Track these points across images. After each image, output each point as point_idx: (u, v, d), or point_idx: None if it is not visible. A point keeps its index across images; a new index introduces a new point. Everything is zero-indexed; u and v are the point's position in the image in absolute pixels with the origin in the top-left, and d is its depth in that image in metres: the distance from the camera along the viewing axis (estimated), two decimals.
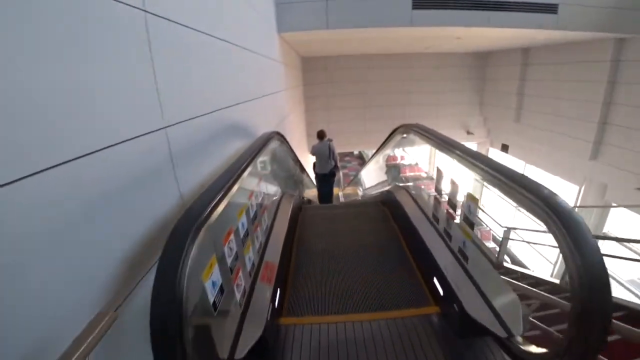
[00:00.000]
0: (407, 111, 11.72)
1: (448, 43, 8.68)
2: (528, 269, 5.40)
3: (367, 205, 5.27)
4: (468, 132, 12.21)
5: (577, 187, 8.87)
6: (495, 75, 11.40)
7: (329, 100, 11.31)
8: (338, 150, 15.42)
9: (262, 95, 3.98)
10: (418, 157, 23.41)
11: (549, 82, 9.09)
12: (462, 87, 11.87)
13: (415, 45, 9.12)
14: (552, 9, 5.85)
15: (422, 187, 4.47)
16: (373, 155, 7.74)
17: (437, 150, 3.00)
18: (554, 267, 8.04)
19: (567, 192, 9.42)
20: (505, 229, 5.32)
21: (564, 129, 8.68)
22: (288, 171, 4.94)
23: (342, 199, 15.85)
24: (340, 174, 20.33)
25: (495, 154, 13.24)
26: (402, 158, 23.03)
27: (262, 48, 4.02)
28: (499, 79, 11.16)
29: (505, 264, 5.09)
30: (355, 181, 14.34)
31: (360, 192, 11.19)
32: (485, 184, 2.20)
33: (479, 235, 5.59)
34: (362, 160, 23.85)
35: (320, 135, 6.49)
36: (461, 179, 2.51)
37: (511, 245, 7.34)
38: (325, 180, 6.87)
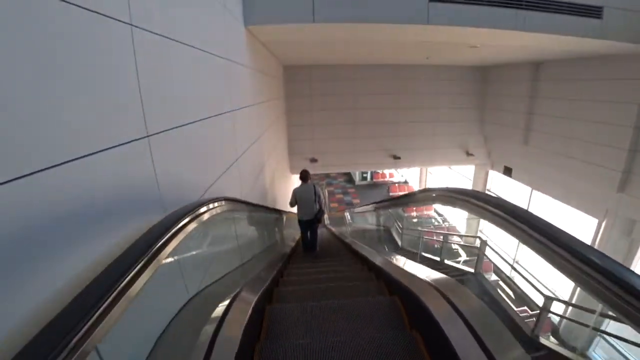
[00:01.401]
0: (400, 129, 10.44)
1: (455, 53, 7.46)
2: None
3: (360, 280, 3.76)
4: (468, 154, 11.03)
5: (596, 221, 7.78)
6: (498, 91, 10.27)
7: (313, 115, 9.91)
8: (323, 171, 14.12)
9: (219, 114, 2.55)
10: (408, 174, 22.42)
11: (565, 100, 7.97)
12: (460, 103, 10.70)
13: (414, 54, 7.86)
14: (596, 12, 4.65)
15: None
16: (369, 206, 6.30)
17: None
18: None
19: (582, 225, 8.36)
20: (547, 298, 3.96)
21: (582, 154, 7.56)
22: (254, 239, 3.51)
23: (327, 221, 14.50)
24: (326, 192, 19.06)
25: (497, 178, 12.16)
26: (390, 175, 21.99)
27: (217, 46, 2.61)
28: (503, 95, 10.03)
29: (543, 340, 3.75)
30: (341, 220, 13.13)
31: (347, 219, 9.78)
32: None
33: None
34: (348, 176, 22.56)
35: (303, 176, 5.59)
36: None
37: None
38: (310, 226, 5.92)
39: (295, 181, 13.75)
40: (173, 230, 1.22)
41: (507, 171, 10.80)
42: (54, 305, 0.82)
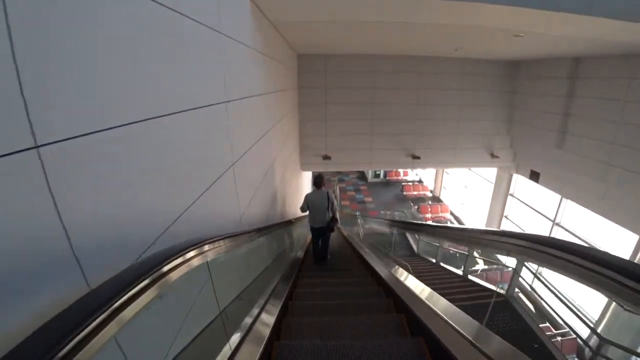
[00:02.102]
0: (422, 127, 9.67)
1: (490, 43, 6.67)
2: None
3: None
4: (492, 155, 10.21)
5: (636, 237, 7.02)
6: (530, 89, 9.40)
7: (327, 109, 9.21)
8: (336, 169, 13.44)
9: (207, 104, 1.92)
10: (422, 174, 21.56)
11: (610, 101, 7.11)
12: (487, 100, 9.86)
13: (442, 44, 7.08)
14: None
15: None
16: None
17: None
18: None
19: (618, 239, 7.58)
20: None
21: (629, 163, 6.73)
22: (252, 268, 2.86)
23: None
24: (337, 190, 18.41)
25: (521, 182, 11.32)
26: (404, 174, 21.19)
27: (209, 16, 1.96)
28: (536, 93, 9.16)
29: None
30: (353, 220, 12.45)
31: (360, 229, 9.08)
32: None
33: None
34: (360, 173, 21.83)
35: (317, 182, 5.21)
36: None
37: None
38: (322, 234, 5.49)
39: (306, 178, 13.26)
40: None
41: (534, 176, 9.97)
42: None
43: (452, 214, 15.91)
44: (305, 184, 11.94)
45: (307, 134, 9.30)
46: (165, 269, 1.00)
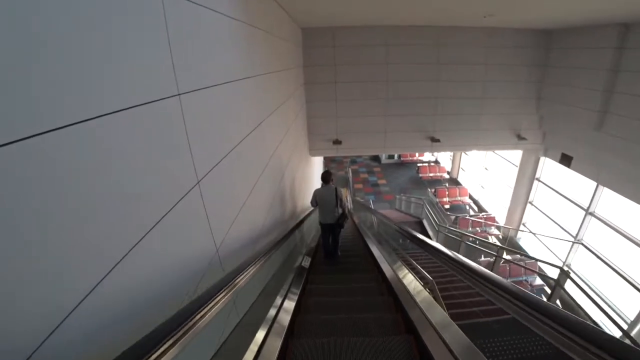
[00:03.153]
0: (441, 105, 8.76)
1: (526, 8, 5.70)
2: None
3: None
4: (519, 137, 9.27)
5: None
6: (564, 62, 8.31)
7: (337, 89, 8.38)
8: (348, 154, 12.63)
9: (147, 102, 1.25)
10: (440, 155, 20.52)
11: None
12: (514, 75, 8.82)
13: (471, 8, 6.13)
14: None
15: None
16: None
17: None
18: None
19: None
20: None
21: None
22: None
23: (350, 205, 13.17)
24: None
25: (549, 166, 10.36)
26: (420, 155, 20.22)
27: None
28: (572, 67, 8.09)
29: None
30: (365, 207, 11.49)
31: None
32: None
33: None
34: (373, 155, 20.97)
35: (325, 178, 5.13)
36: None
37: None
38: (331, 230, 5.34)
39: (317, 164, 12.56)
40: None
41: (566, 160, 9.02)
42: None
43: (471, 197, 15.05)
44: (316, 170, 11.27)
45: (315, 116, 8.53)
46: None
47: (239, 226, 2.39)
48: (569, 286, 4.34)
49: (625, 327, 6.08)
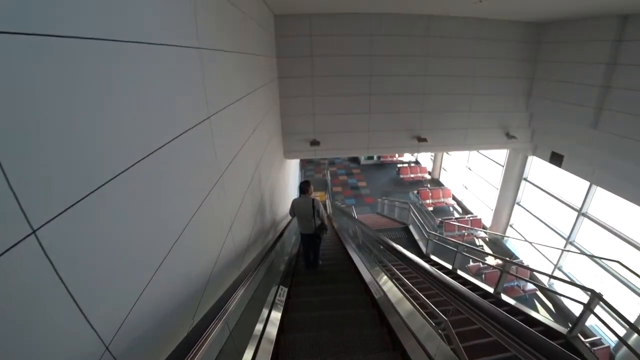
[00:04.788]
0: (429, 103, 8.05)
1: None
2: None
3: None
4: (509, 136, 8.72)
5: None
6: (556, 56, 7.80)
7: (314, 83, 7.50)
8: (327, 156, 11.82)
9: None
10: (420, 155, 20.01)
11: None
12: (505, 71, 8.24)
13: None
14: None
15: None
16: None
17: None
18: None
19: None
20: None
21: None
22: None
23: (330, 211, 12.34)
24: (328, 175, 16.84)
25: (537, 165, 9.93)
26: (400, 155, 19.67)
27: None
28: (564, 61, 7.58)
29: None
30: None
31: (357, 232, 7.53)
32: None
33: None
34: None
35: (303, 188, 5.09)
36: None
37: None
38: (310, 241, 5.37)
39: (292, 167, 11.64)
40: None
41: (556, 159, 8.57)
42: None
43: (454, 198, 14.57)
44: (292, 174, 10.36)
45: (289, 113, 7.62)
46: None
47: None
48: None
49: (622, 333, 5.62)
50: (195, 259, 1.90)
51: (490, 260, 9.62)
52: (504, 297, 4.71)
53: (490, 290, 4.96)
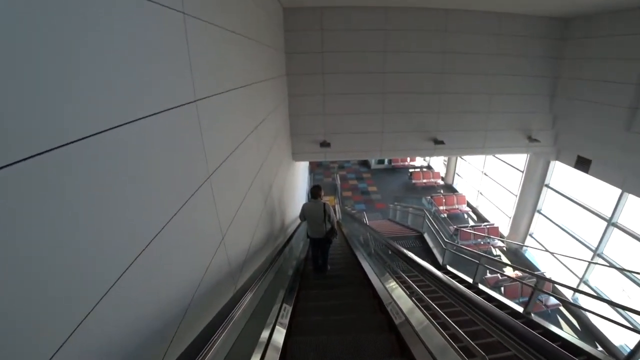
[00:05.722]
0: (446, 103, 7.57)
1: None
2: None
3: None
4: (530, 139, 8.18)
5: None
6: (584, 52, 7.27)
7: (325, 81, 7.10)
8: (338, 159, 11.37)
9: None
10: (432, 159, 19.44)
11: None
12: (527, 69, 7.73)
13: None
14: None
15: None
16: None
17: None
18: None
19: None
20: None
21: None
22: None
23: (340, 216, 11.86)
24: (338, 179, 16.39)
25: (561, 170, 9.32)
26: (412, 159, 19.13)
27: None
28: (594, 57, 7.05)
29: None
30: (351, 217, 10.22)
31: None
32: None
33: None
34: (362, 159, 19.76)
35: (315, 193, 5.07)
36: None
37: None
38: (320, 245, 5.36)
39: (301, 170, 11.24)
40: None
41: (582, 164, 7.97)
42: None
43: (469, 205, 13.97)
44: (300, 177, 9.94)
45: (298, 113, 7.22)
46: None
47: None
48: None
49: None
50: (168, 280, 1.47)
51: (510, 272, 9.05)
52: (535, 318, 4.19)
53: (518, 308, 4.44)
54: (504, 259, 10.48)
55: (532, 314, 4.25)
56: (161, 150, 1.42)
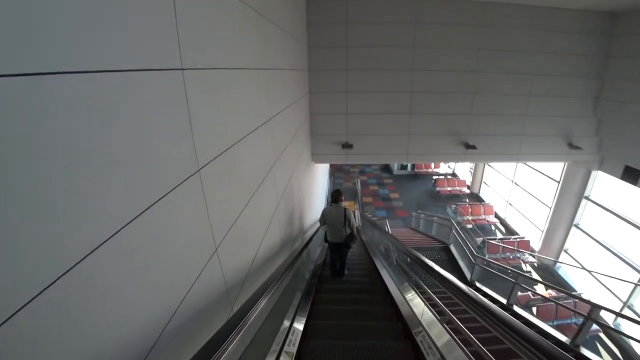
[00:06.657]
0: (479, 103, 7.02)
1: None
2: None
3: None
4: (571, 146, 7.48)
5: None
6: (635, 50, 6.59)
7: (349, 78, 6.69)
8: (360, 162, 10.91)
9: None
10: (457, 166, 18.66)
11: None
12: (567, 67, 7.08)
13: None
14: None
15: None
16: None
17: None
18: None
19: None
20: None
21: None
22: None
23: (359, 222, 11.36)
24: (359, 184, 15.90)
25: (603, 182, 8.52)
26: (436, 166, 18.40)
27: None
28: None
29: None
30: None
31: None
32: None
33: None
34: (384, 164, 19.17)
35: (335, 197, 4.97)
36: None
37: None
38: (338, 249, 5.25)
39: (320, 173, 10.83)
40: None
41: (630, 174, 7.20)
42: None
43: (497, 216, 13.17)
44: (320, 180, 9.52)
45: (319, 111, 6.83)
46: None
47: None
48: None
49: None
50: (128, 309, 1.05)
51: (542, 289, 8.30)
52: (584, 351, 3.60)
53: (563, 338, 3.86)
54: (535, 276, 9.70)
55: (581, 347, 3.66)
56: (126, 120, 1.02)
